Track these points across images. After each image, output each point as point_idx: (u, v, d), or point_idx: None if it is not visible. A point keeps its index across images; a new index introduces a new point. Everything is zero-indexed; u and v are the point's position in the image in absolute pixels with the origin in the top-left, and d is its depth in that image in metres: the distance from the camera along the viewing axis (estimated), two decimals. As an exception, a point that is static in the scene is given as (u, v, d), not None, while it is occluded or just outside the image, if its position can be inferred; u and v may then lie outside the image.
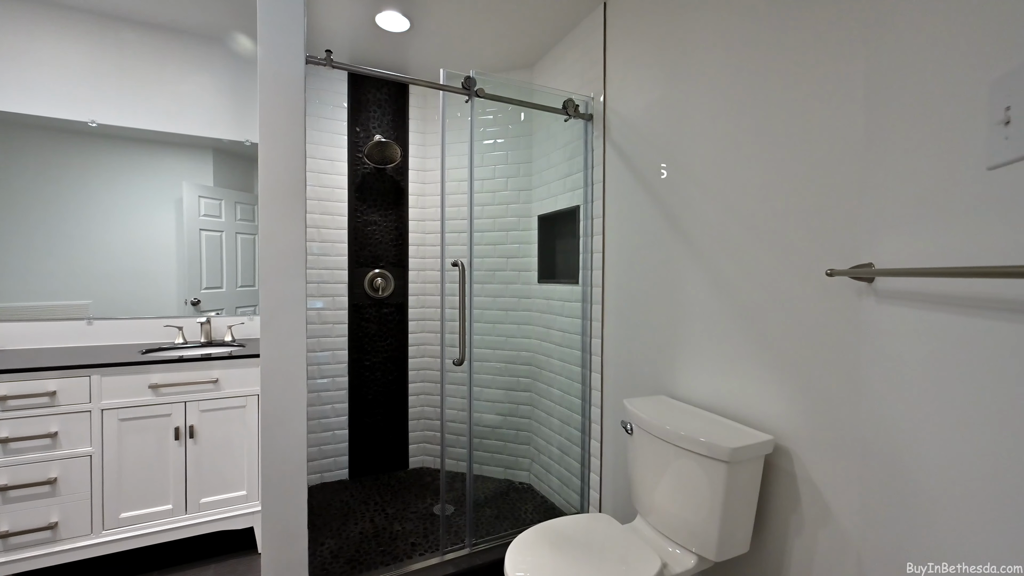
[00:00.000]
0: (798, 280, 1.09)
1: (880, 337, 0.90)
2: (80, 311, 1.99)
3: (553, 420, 2.18)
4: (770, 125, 1.17)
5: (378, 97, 2.50)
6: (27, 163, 1.92)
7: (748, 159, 1.23)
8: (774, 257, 1.16)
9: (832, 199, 1.01)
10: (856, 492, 0.97)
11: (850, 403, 0.97)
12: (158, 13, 2.01)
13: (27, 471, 1.57)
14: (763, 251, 1.19)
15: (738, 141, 1.26)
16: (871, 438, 0.93)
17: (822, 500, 1.04)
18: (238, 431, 1.84)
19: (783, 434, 1.13)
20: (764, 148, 1.19)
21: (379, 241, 2.50)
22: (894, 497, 0.87)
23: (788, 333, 1.11)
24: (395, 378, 2.54)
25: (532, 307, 2.37)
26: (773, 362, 1.16)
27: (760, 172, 1.20)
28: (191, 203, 2.15)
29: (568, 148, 2.08)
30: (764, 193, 1.18)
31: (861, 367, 0.95)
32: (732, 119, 1.28)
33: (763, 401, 1.18)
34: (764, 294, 1.18)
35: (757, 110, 1.21)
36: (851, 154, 0.98)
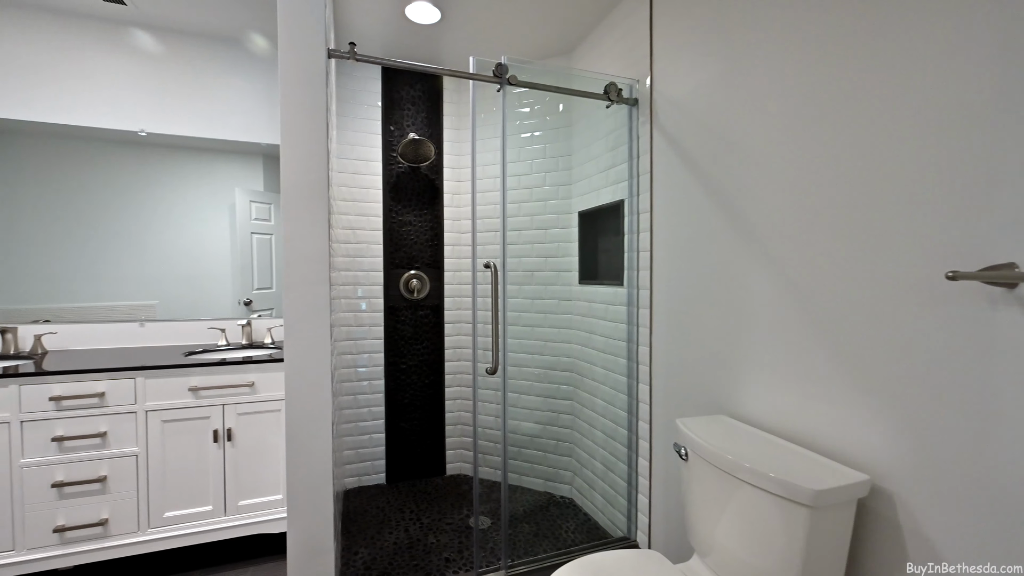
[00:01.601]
0: (901, 285, 0.88)
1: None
2: (148, 312, 2.07)
3: (596, 432, 2.03)
4: (860, 94, 0.96)
5: (412, 94, 2.44)
6: (97, 174, 2.03)
7: (829, 137, 1.03)
8: (866, 256, 0.95)
9: (949, 185, 0.80)
10: (986, 553, 0.76)
11: (979, 439, 0.77)
12: (195, 22, 2.04)
13: (80, 468, 1.62)
14: (851, 249, 0.98)
15: (816, 116, 1.06)
16: (1009, 486, 0.72)
17: (936, 556, 0.83)
18: (274, 435, 1.83)
19: (882, 473, 0.92)
20: (851, 123, 0.98)
21: (414, 242, 2.44)
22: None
23: (887, 349, 0.91)
24: (431, 382, 2.47)
25: (572, 310, 2.22)
26: (867, 383, 0.95)
27: (846, 153, 0.99)
28: (243, 207, 2.21)
29: (610, 138, 1.91)
30: (852, 179, 0.98)
31: (994, 395, 0.74)
32: (808, 90, 1.08)
33: (853, 430, 0.98)
34: (853, 301, 0.98)
35: (842, 77, 1.00)
36: (975, 125, 0.76)
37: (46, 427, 1.59)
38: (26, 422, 1.57)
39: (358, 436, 2.37)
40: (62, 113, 1.98)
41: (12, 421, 1.55)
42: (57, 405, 1.59)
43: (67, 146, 2.00)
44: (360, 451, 2.37)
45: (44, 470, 1.58)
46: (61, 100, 1.98)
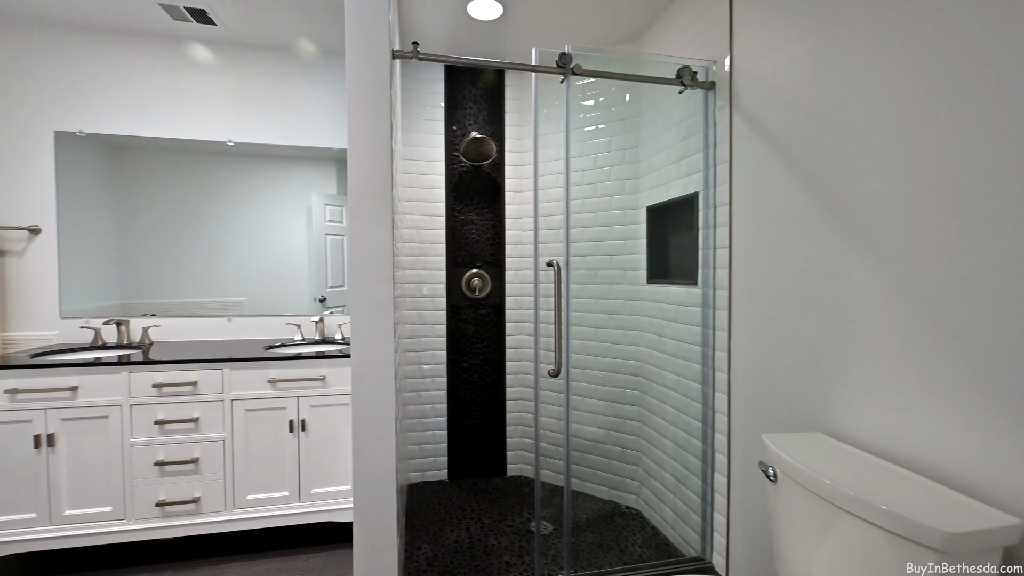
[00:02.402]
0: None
1: None
2: (237, 307, 2.25)
3: (666, 442, 1.90)
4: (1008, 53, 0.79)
5: (474, 93, 2.43)
6: (193, 182, 2.24)
7: (961, 112, 0.86)
8: (1015, 252, 0.78)
9: None
10: None
11: None
12: (274, 36, 2.17)
13: (177, 450, 1.78)
14: (993, 243, 0.81)
15: (943, 88, 0.89)
16: None
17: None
18: (343, 427, 1.90)
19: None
20: (992, 94, 0.81)
21: (476, 240, 2.44)
22: None
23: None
24: (492, 381, 2.46)
25: (640, 311, 2.10)
26: (1017, 403, 0.78)
27: (985, 130, 0.82)
28: (318, 210, 2.34)
29: (683, 126, 1.77)
30: (992, 161, 0.81)
31: None
32: (930, 61, 0.91)
33: (995, 461, 0.81)
34: (990, 303, 0.81)
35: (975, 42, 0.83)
36: None
37: (150, 411, 1.76)
38: (134, 405, 1.74)
39: (421, 432, 2.41)
40: (164, 127, 2.19)
41: (123, 404, 1.73)
42: (159, 391, 1.76)
43: (168, 158, 2.21)
44: (423, 447, 2.41)
45: (148, 449, 1.75)
46: (163, 116, 2.19)
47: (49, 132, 2.09)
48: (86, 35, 2.11)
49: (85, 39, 2.11)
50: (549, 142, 2.34)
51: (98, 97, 2.13)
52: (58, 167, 2.10)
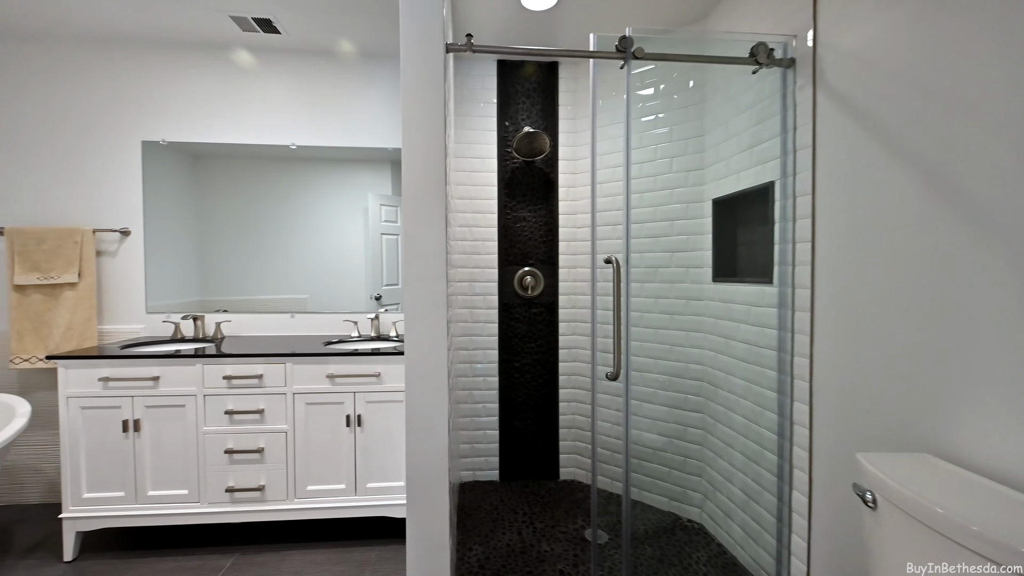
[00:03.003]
0: None
1: None
2: (300, 304, 2.35)
3: (734, 453, 1.75)
4: None
5: (527, 87, 2.38)
6: (259, 186, 2.36)
7: None
8: None
9: None
10: None
11: None
12: (333, 40, 2.23)
13: (244, 439, 1.87)
14: None
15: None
16: None
17: None
18: (397, 424, 1.91)
19: None
20: None
21: (528, 238, 2.39)
22: None
23: None
24: (545, 381, 2.40)
25: (705, 311, 1.96)
26: None
27: None
28: (374, 211, 2.40)
29: (756, 111, 1.63)
30: None
31: None
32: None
33: None
34: None
35: None
36: None
37: (221, 401, 1.85)
38: (207, 396, 1.85)
39: (473, 431, 2.39)
40: (234, 134, 2.32)
41: (198, 394, 1.84)
42: (229, 383, 1.85)
43: (239, 165, 2.34)
44: (475, 446, 2.40)
45: (219, 438, 1.85)
46: (233, 123, 2.32)
47: (137, 142, 2.27)
48: (166, 50, 2.27)
49: (166, 54, 2.27)
50: (604, 135, 2.25)
51: (177, 108, 2.29)
52: (144, 174, 2.28)
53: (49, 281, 2.15)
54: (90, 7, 1.97)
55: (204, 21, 2.07)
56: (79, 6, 1.97)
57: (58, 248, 2.16)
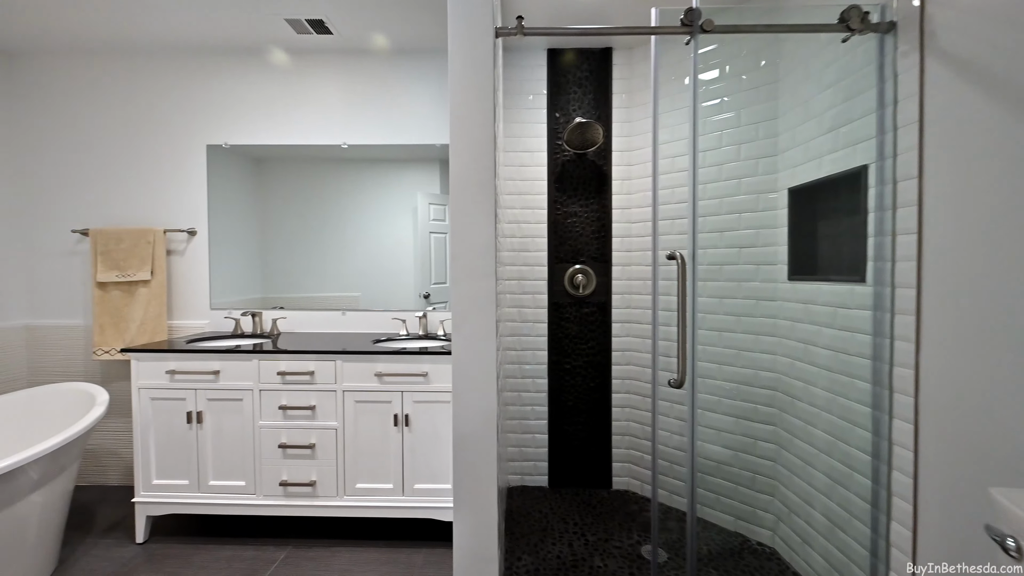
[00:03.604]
0: None
1: None
2: (352, 302, 2.39)
3: (815, 473, 1.56)
4: None
5: (578, 76, 2.27)
6: (313, 187, 2.41)
7: None
8: None
9: None
10: None
11: None
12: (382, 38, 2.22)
13: (297, 435, 1.89)
14: None
15: None
16: None
17: None
18: (444, 425, 1.87)
19: None
20: None
21: (579, 234, 2.28)
22: None
23: None
24: (597, 385, 2.28)
25: (778, 313, 1.77)
26: None
27: None
28: (423, 210, 2.39)
29: (843, 86, 1.43)
30: None
31: None
32: None
33: None
34: None
35: None
36: None
37: (275, 396, 1.89)
38: (263, 391, 1.89)
39: (521, 434, 2.32)
40: (290, 135, 2.38)
41: (254, 389, 1.89)
42: (282, 379, 1.88)
43: (296, 167, 2.40)
44: (523, 449, 2.32)
45: (273, 432, 1.89)
46: (288, 124, 2.38)
47: (202, 146, 2.38)
48: (227, 57, 2.36)
49: (227, 61, 2.36)
50: (663, 123, 2.09)
51: (238, 112, 2.38)
52: (209, 176, 2.39)
53: (126, 278, 2.30)
54: (162, 21, 2.07)
55: (261, 27, 2.13)
56: (152, 20, 2.07)
57: (134, 247, 2.30)
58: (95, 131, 2.39)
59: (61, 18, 2.07)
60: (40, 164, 2.40)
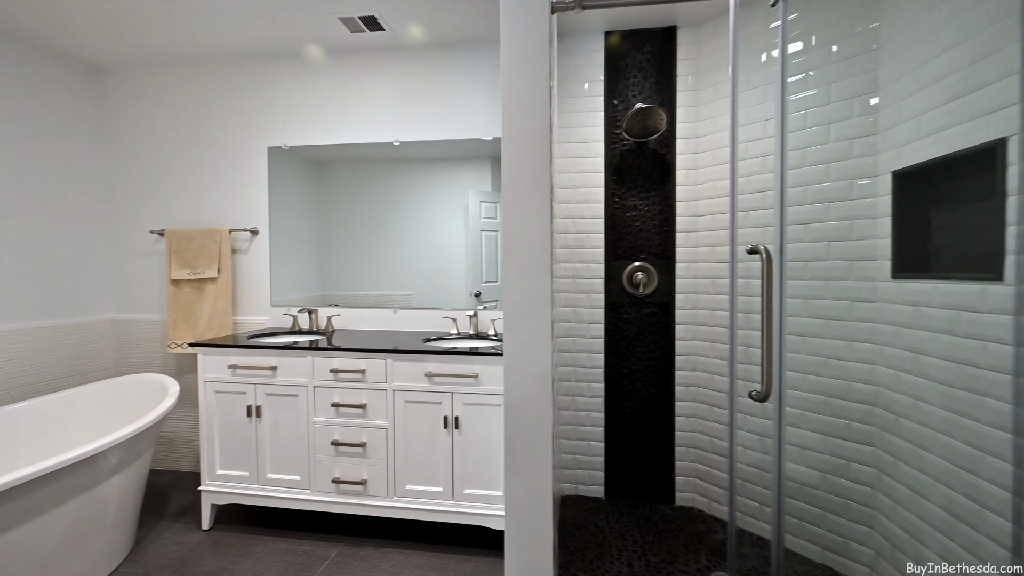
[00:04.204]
0: None
1: None
2: (405, 300, 2.38)
3: (930, 507, 1.32)
4: None
5: (638, 59, 2.11)
6: (368, 187, 2.43)
7: None
8: None
9: None
10: None
11: None
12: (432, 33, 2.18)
13: (348, 432, 1.89)
14: None
15: None
16: None
17: None
18: (495, 429, 1.79)
19: None
20: None
21: (640, 229, 2.12)
22: None
23: None
24: (659, 391, 2.11)
25: (879, 316, 1.53)
26: None
27: None
28: (475, 208, 2.35)
29: (972, 44, 1.19)
30: None
31: None
32: None
33: None
34: None
35: None
36: None
37: (328, 393, 1.89)
38: (317, 387, 1.90)
39: (576, 440, 2.19)
40: (343, 134, 2.40)
41: (308, 385, 1.90)
42: (335, 376, 1.88)
43: (351, 168, 2.44)
44: (578, 457, 2.20)
45: (327, 429, 1.89)
46: (342, 124, 2.40)
47: (264, 147, 2.46)
48: (285, 60, 2.42)
49: (285, 64, 2.42)
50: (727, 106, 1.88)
51: (296, 113, 2.43)
52: (270, 177, 2.46)
53: (196, 276, 2.42)
54: (226, 29, 2.15)
55: (316, 28, 2.15)
56: (219, 29, 2.15)
57: (203, 247, 2.42)
58: (170, 137, 2.53)
59: (143, 33, 2.20)
60: (124, 170, 2.58)
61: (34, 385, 2.23)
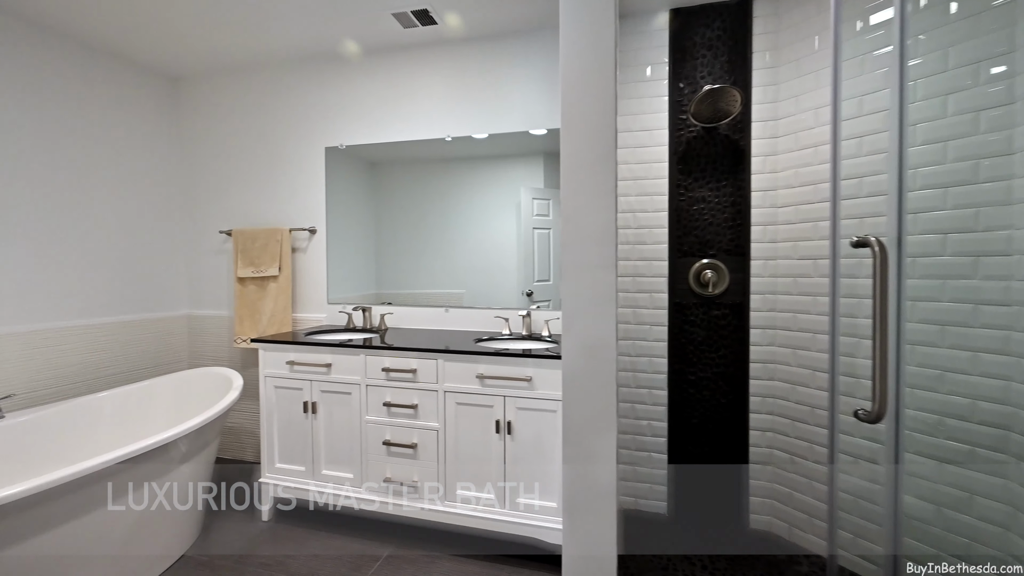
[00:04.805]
0: None
1: None
2: (456, 299, 2.36)
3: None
4: None
5: (708, 36, 1.93)
6: (419, 186, 2.44)
7: None
8: None
9: None
10: None
11: None
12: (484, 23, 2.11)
13: (400, 433, 1.86)
14: None
15: None
16: None
17: None
18: (549, 437, 1.69)
19: None
20: None
21: (708, 223, 1.93)
22: None
23: None
24: (730, 402, 1.92)
25: (1015, 323, 1.27)
26: None
27: None
28: (527, 205, 2.30)
29: None
30: None
31: None
32: None
33: None
34: None
35: None
36: None
37: (380, 392, 1.87)
38: (369, 386, 1.89)
39: (635, 451, 2.04)
40: (396, 132, 2.40)
41: (361, 383, 1.89)
42: (387, 376, 1.86)
43: (403, 166, 2.46)
44: (637, 469, 2.04)
45: (379, 428, 1.88)
46: (395, 122, 2.40)
47: (321, 148, 2.51)
48: (340, 61, 2.45)
49: (339, 65, 2.46)
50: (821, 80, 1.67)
51: (351, 113, 2.46)
52: (327, 177, 2.51)
53: (260, 274, 2.50)
54: (286, 32, 2.20)
55: (370, 26, 2.15)
56: (279, 34, 2.21)
57: (266, 246, 2.50)
58: (236, 142, 2.65)
59: (213, 43, 2.31)
60: (197, 173, 2.73)
61: (118, 375, 2.39)
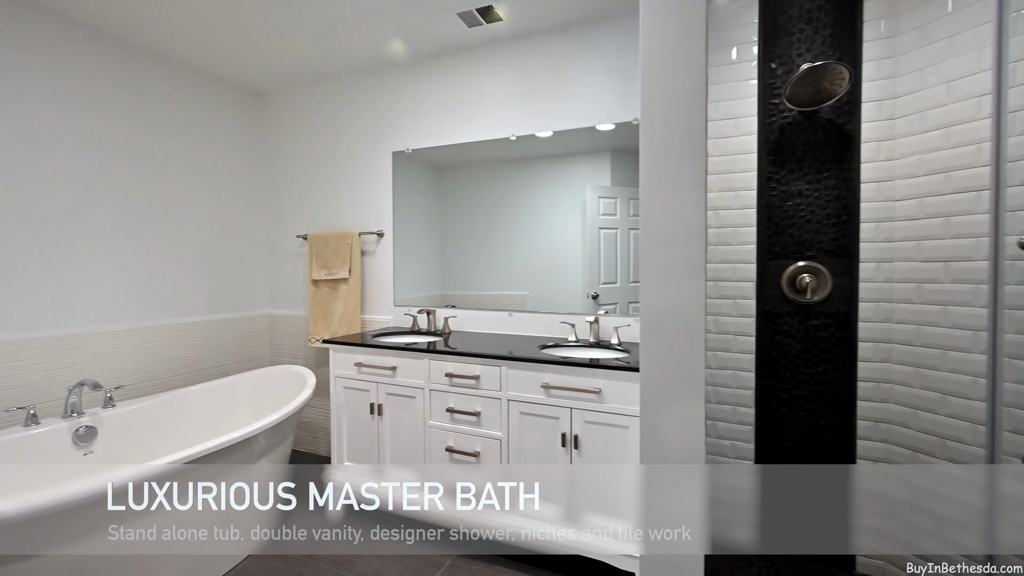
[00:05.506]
0: None
1: None
2: (520, 302, 2.30)
3: None
4: None
5: (807, 9, 1.69)
6: (483, 187, 2.43)
7: None
8: None
9: None
10: None
11: None
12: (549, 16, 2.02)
13: (462, 440, 1.82)
14: None
15: None
16: None
17: None
18: (620, 454, 1.56)
19: None
20: None
21: (806, 220, 1.70)
22: None
23: None
24: (831, 424, 1.67)
25: None
26: None
27: None
28: (592, 204, 2.21)
29: None
30: None
31: None
32: None
33: None
34: None
35: None
36: None
37: (443, 398, 1.85)
38: (432, 390, 1.87)
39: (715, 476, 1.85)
40: (462, 133, 2.37)
41: (424, 388, 1.88)
42: (450, 381, 1.83)
43: (468, 169, 2.45)
44: (718, 493, 1.85)
45: (441, 434, 1.85)
46: (461, 123, 2.38)
47: (388, 153, 2.55)
48: (404, 65, 2.48)
49: (404, 68, 2.48)
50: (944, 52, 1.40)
51: (417, 117, 2.47)
52: (394, 181, 2.54)
53: (332, 276, 2.60)
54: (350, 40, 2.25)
55: (436, 26, 2.14)
56: (343, 43, 2.27)
57: (337, 249, 2.59)
58: (311, 150, 2.77)
59: (290, 58, 2.42)
60: (278, 182, 2.90)
61: (208, 370, 2.59)
